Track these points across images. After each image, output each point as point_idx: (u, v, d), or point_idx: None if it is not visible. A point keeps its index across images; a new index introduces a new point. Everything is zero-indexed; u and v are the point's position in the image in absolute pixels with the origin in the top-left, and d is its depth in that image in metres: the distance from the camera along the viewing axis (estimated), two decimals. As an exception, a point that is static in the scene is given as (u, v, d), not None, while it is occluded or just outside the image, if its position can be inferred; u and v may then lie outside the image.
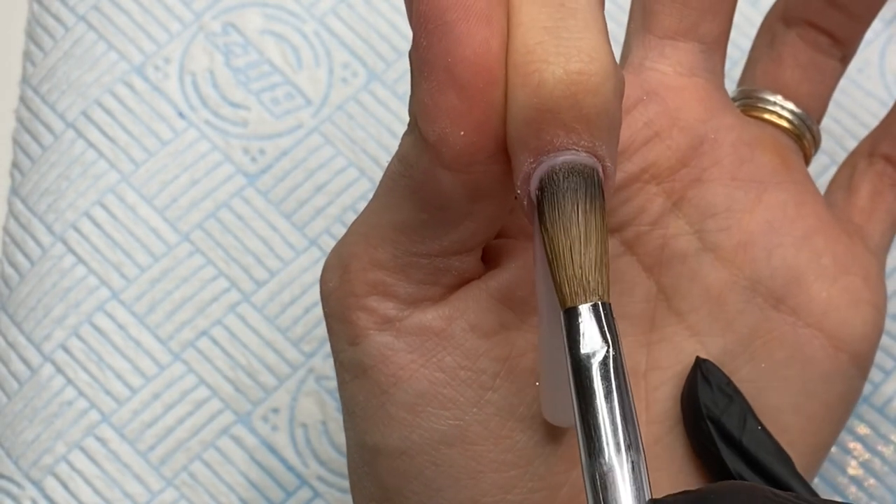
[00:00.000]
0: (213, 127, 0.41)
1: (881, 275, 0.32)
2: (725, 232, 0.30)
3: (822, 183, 0.41)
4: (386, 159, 0.41)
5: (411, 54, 0.24)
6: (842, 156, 0.41)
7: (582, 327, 0.23)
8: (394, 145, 0.28)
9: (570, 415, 0.24)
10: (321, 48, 0.42)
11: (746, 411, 0.29)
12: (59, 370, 0.39)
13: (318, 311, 0.40)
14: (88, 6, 0.42)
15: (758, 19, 0.43)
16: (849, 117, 0.42)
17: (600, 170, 0.24)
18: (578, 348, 0.23)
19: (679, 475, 0.30)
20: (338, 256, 0.28)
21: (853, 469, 0.38)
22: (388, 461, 0.28)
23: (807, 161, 0.33)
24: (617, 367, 0.23)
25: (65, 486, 0.38)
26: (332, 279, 0.28)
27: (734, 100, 0.33)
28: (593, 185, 0.23)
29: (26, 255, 0.40)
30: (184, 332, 0.39)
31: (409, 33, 0.44)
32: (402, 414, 0.27)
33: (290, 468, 0.38)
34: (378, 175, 0.41)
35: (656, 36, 0.30)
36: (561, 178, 0.23)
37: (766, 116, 0.33)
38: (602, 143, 0.23)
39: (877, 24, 0.43)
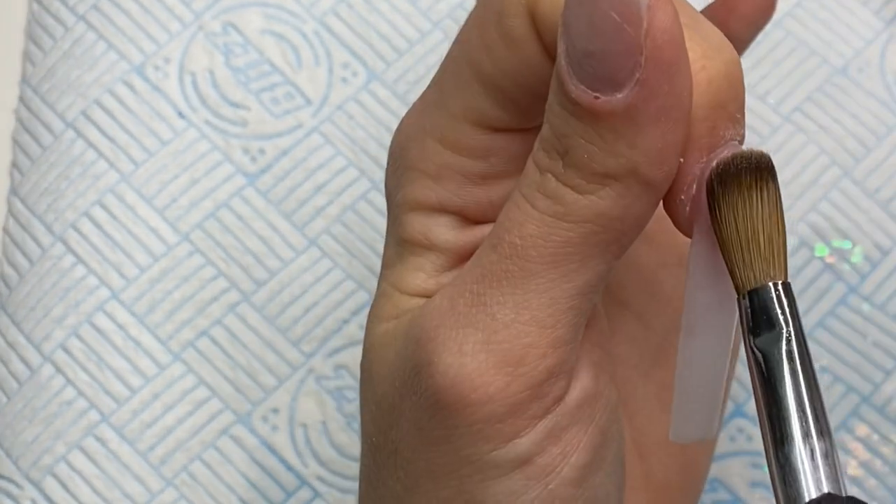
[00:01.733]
0: (213, 127, 0.41)
1: None
2: None
3: (824, 183, 0.41)
4: (386, 159, 0.41)
5: (637, 102, 0.23)
6: (843, 155, 0.41)
7: (775, 305, 0.23)
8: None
9: (701, 426, 0.24)
10: (321, 48, 0.42)
11: None
12: (59, 370, 0.39)
13: (318, 311, 0.40)
14: (88, 6, 0.42)
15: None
16: (849, 117, 0.42)
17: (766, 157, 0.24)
18: (766, 327, 0.23)
19: None
20: (499, 354, 0.25)
21: (853, 469, 0.38)
22: None
23: None
24: (801, 348, 0.23)
25: (64, 487, 0.38)
26: (496, 380, 0.25)
27: None
28: (767, 168, 0.24)
29: (26, 255, 0.40)
30: (183, 332, 0.39)
31: (409, 33, 0.44)
32: (569, 489, 0.26)
33: (290, 468, 0.38)
34: (378, 175, 0.41)
35: None
36: (733, 166, 0.23)
37: None
38: (744, 130, 0.24)
39: (877, 24, 0.43)
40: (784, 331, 0.23)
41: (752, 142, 0.42)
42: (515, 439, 0.25)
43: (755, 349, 0.23)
